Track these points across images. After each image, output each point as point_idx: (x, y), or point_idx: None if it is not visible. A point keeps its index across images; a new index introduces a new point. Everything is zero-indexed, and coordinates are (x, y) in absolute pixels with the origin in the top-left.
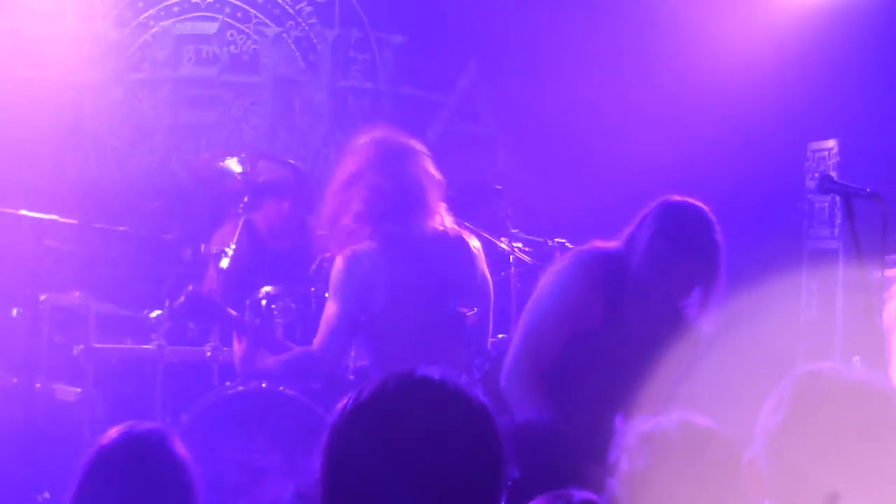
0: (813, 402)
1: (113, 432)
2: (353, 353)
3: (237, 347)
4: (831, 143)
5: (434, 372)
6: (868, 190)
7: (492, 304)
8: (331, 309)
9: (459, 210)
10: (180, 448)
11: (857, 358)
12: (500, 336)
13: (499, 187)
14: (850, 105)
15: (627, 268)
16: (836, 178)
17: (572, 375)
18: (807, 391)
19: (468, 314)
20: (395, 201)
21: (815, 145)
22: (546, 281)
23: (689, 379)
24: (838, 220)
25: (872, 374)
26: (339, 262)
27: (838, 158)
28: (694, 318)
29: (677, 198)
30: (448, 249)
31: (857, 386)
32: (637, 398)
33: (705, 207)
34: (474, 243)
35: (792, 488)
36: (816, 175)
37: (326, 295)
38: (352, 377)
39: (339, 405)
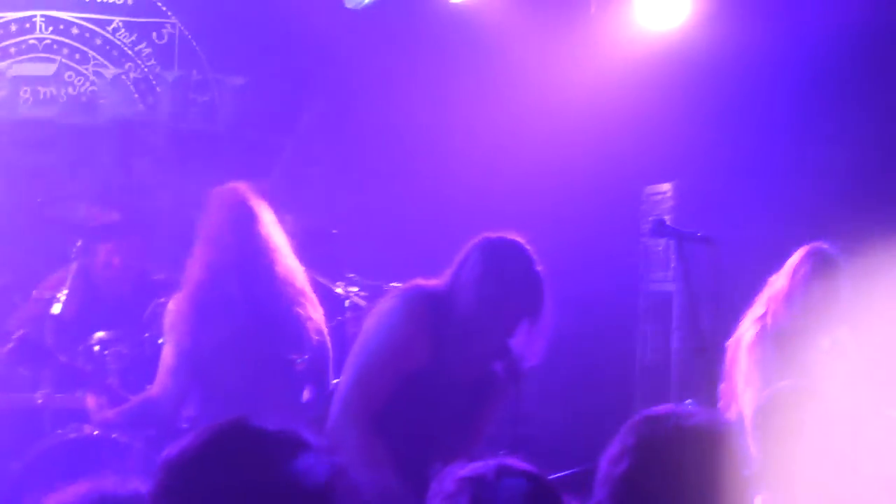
0: (657, 448)
1: None
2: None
3: (90, 399)
4: (666, 186)
5: (259, 420)
6: (700, 234)
7: (329, 350)
8: (166, 351)
9: (296, 254)
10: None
11: (689, 400)
12: (335, 381)
13: (335, 231)
14: (685, 149)
15: (453, 306)
16: (668, 223)
17: (402, 417)
18: (650, 438)
19: (299, 362)
20: (235, 259)
21: (652, 189)
22: (371, 322)
23: (523, 420)
24: (673, 263)
25: (711, 415)
26: (172, 305)
27: (674, 201)
28: (520, 353)
29: (495, 234)
30: (282, 297)
31: (699, 430)
32: (468, 437)
33: (523, 241)
34: (310, 291)
35: None
36: (652, 218)
37: (160, 341)
38: (185, 426)
39: (163, 455)
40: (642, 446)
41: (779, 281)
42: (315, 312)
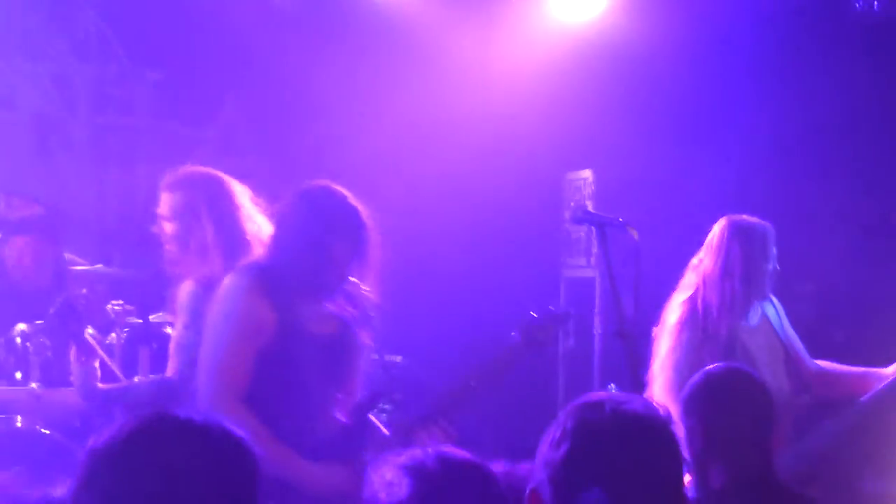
0: (596, 432)
1: None
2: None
3: (75, 365)
4: (587, 173)
5: (183, 412)
6: (620, 219)
7: None
8: (187, 335)
9: None
10: None
11: (612, 385)
12: None
13: None
14: (605, 136)
15: (283, 267)
16: (589, 209)
17: (275, 387)
18: (589, 422)
19: None
20: (232, 241)
21: (572, 175)
22: (212, 310)
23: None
24: (594, 249)
25: (647, 401)
26: (190, 287)
27: (594, 188)
28: (361, 293)
29: (302, 185)
30: None
31: (638, 415)
32: (345, 391)
33: (329, 182)
34: None
35: None
36: (573, 204)
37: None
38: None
39: (88, 445)
40: (581, 430)
41: (704, 257)
42: None
